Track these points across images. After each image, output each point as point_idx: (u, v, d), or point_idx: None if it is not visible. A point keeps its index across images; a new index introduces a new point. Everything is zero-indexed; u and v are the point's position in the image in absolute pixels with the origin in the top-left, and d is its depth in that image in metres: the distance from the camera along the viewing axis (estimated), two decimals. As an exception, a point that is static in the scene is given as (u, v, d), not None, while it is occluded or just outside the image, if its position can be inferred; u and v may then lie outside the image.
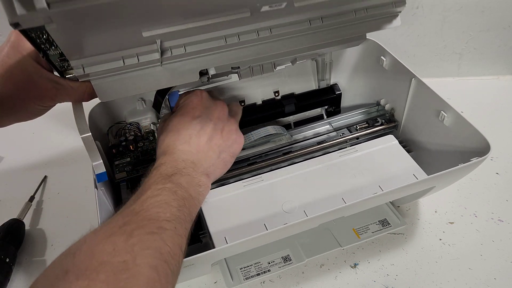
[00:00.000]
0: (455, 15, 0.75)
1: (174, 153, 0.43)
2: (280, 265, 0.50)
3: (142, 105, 0.57)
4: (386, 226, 0.54)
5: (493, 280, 0.50)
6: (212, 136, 0.46)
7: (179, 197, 0.38)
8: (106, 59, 0.37)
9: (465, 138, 0.49)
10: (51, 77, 0.41)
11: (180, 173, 0.41)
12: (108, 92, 0.41)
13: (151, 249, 0.31)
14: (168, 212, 0.36)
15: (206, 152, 0.45)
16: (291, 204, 0.46)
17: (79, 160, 0.69)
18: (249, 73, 0.50)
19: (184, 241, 0.36)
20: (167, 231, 0.34)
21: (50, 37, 0.35)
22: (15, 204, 0.60)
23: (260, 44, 0.43)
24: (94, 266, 0.28)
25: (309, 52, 0.48)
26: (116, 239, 0.31)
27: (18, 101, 0.41)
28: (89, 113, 0.53)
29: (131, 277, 0.28)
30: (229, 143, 0.47)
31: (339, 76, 0.66)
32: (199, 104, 0.47)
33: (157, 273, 0.30)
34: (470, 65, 0.82)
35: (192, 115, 0.46)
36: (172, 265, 0.32)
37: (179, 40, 0.39)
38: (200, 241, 0.48)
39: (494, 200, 0.60)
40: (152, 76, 0.41)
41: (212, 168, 0.45)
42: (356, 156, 0.51)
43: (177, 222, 0.36)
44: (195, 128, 0.45)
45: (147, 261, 0.30)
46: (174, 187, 0.39)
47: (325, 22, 0.43)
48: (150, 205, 0.36)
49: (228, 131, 0.48)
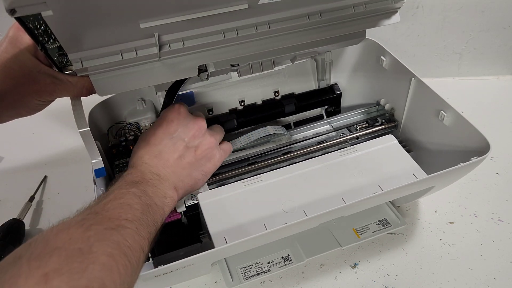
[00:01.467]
0: (455, 15, 0.75)
1: (142, 166, 0.43)
2: (280, 265, 0.50)
3: (142, 105, 0.57)
4: (386, 226, 0.54)
5: (493, 280, 0.50)
6: (184, 154, 0.46)
7: (143, 202, 0.38)
8: (104, 52, 0.37)
9: (465, 138, 0.49)
10: (50, 72, 0.41)
11: (146, 183, 0.41)
12: (107, 87, 0.41)
13: (109, 241, 0.30)
14: (130, 213, 0.35)
15: (174, 168, 0.44)
16: (291, 204, 0.46)
17: (79, 160, 0.69)
18: (248, 70, 0.50)
19: (146, 243, 0.35)
20: (127, 229, 0.33)
21: (48, 28, 0.35)
22: (15, 204, 0.60)
23: (259, 40, 0.43)
24: (48, 251, 0.27)
25: (308, 50, 0.48)
26: (72, 231, 0.30)
27: (16, 96, 0.41)
28: (89, 113, 0.53)
29: (86, 261, 0.28)
30: (202, 162, 0.47)
31: (339, 76, 0.66)
32: (175, 119, 0.47)
33: (114, 261, 0.29)
34: (470, 65, 0.82)
35: (167, 131, 0.46)
36: (131, 258, 0.31)
37: (177, 33, 0.39)
38: (200, 241, 0.48)
39: (494, 200, 0.60)
40: (151, 71, 0.41)
41: (181, 184, 0.45)
42: (356, 156, 0.51)
43: (139, 224, 0.35)
44: (167, 145, 0.45)
45: (104, 250, 0.29)
46: (139, 192, 0.38)
47: (324, 17, 0.43)
48: (112, 207, 0.35)
49: (203, 150, 0.47)
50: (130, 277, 0.31)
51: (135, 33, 0.36)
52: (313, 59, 0.61)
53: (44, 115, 0.44)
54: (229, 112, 0.60)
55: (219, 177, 0.53)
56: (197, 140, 0.47)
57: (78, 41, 0.35)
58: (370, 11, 0.45)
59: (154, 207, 0.39)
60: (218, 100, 0.59)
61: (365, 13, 0.45)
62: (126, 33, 0.36)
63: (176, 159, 0.45)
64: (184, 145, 0.46)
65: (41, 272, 0.25)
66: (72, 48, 0.36)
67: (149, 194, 0.39)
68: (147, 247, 0.35)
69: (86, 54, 0.37)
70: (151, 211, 0.38)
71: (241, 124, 0.60)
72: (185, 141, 0.46)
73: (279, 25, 0.42)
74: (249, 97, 0.61)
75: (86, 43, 0.36)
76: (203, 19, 0.37)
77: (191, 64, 0.42)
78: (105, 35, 0.36)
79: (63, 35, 0.34)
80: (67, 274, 0.26)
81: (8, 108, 0.42)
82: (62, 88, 0.42)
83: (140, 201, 0.37)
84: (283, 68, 0.59)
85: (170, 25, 0.36)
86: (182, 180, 0.45)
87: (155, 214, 0.39)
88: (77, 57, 0.37)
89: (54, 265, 0.26)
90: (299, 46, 0.46)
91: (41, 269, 0.26)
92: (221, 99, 0.60)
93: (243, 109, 0.61)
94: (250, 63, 0.49)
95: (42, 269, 0.26)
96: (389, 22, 0.47)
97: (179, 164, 0.45)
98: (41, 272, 0.25)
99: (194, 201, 0.48)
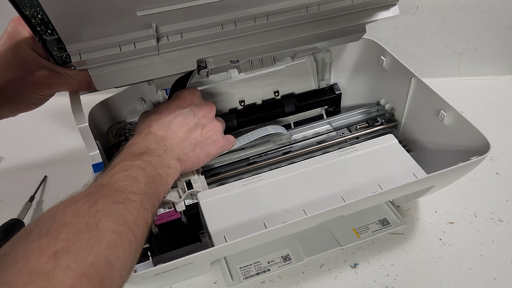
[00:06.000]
0: (455, 15, 0.75)
1: (148, 135, 0.44)
2: (280, 265, 0.50)
3: (142, 104, 0.57)
4: (386, 225, 0.54)
5: (493, 280, 0.50)
6: (192, 129, 0.47)
7: (147, 174, 0.39)
8: (102, 44, 0.37)
9: (465, 138, 0.49)
10: (48, 65, 0.41)
11: (151, 153, 0.41)
12: (106, 81, 0.41)
13: (115, 216, 0.31)
14: (136, 186, 0.36)
15: (181, 140, 0.46)
16: (291, 203, 0.46)
17: (79, 160, 0.69)
18: (248, 67, 0.50)
19: (149, 216, 0.36)
20: (132, 202, 0.34)
21: (45, 17, 0.35)
22: (15, 204, 0.60)
23: (257, 33, 0.43)
24: (56, 227, 0.28)
25: (308, 46, 0.47)
26: (79, 206, 0.31)
27: (15, 89, 0.41)
28: (89, 113, 0.53)
29: (93, 237, 0.29)
30: (207, 142, 0.48)
31: (339, 76, 0.66)
32: (189, 98, 0.48)
33: (119, 238, 0.30)
34: (470, 65, 0.82)
35: (179, 105, 0.47)
36: (136, 233, 0.33)
37: (175, 25, 0.39)
38: (200, 240, 0.48)
39: (494, 200, 0.60)
40: (149, 65, 0.41)
41: (185, 157, 0.46)
42: (356, 156, 0.51)
43: (143, 196, 0.36)
44: (177, 116, 0.46)
45: (110, 226, 0.30)
46: (143, 164, 0.39)
47: (322, 9, 0.43)
48: (118, 179, 0.36)
49: (209, 130, 0.48)
50: (134, 251, 0.32)
51: (133, 22, 0.36)
52: (313, 57, 0.61)
53: (44, 115, 0.44)
54: (229, 112, 0.60)
55: (219, 177, 0.53)
56: (205, 120, 0.48)
57: (75, 29, 0.35)
58: (368, 3, 0.45)
59: (158, 178, 0.40)
60: (218, 100, 0.60)
61: (364, 5, 0.45)
62: (123, 22, 0.36)
63: (184, 132, 0.46)
64: (194, 121, 0.47)
65: (51, 249, 0.27)
66: (70, 39, 0.36)
67: (154, 165, 0.40)
68: (150, 219, 0.36)
69: (84, 45, 0.37)
70: (154, 182, 0.39)
71: (241, 124, 0.60)
72: (195, 118, 0.47)
73: (277, 17, 0.42)
74: (249, 97, 0.61)
75: (83, 33, 0.36)
76: (200, 9, 0.37)
77: (190, 58, 0.42)
78: (102, 23, 0.36)
79: (59, 22, 0.34)
80: (75, 252, 0.27)
81: (7, 103, 0.42)
82: (60, 81, 0.42)
83: (145, 173, 0.38)
84: (283, 68, 0.59)
85: (167, 14, 0.36)
86: (186, 153, 0.46)
87: (158, 185, 0.40)
88: (75, 48, 0.37)
89: (62, 243, 0.27)
90: (298, 41, 0.46)
91: (51, 246, 0.27)
92: (221, 99, 0.60)
93: (243, 109, 0.61)
94: (250, 59, 0.49)
95: (52, 247, 0.27)
96: (387, 14, 0.47)
97: (186, 137, 0.46)
98: (51, 250, 0.27)
99: (194, 200, 0.48)
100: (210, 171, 0.54)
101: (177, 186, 0.49)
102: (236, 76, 0.56)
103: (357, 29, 0.50)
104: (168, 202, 0.48)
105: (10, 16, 0.40)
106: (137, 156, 0.40)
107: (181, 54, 0.41)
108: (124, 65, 0.40)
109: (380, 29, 0.75)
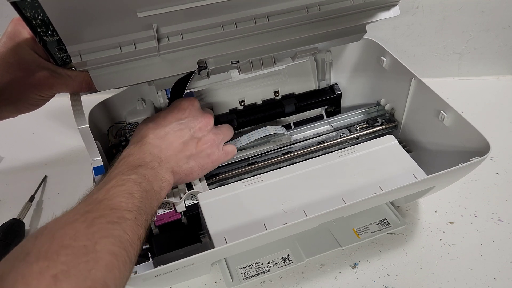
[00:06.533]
0: (455, 15, 0.75)
1: (145, 145, 0.44)
2: (280, 265, 0.50)
3: (142, 105, 0.57)
4: (386, 226, 0.54)
5: (493, 280, 0.50)
6: (188, 142, 0.47)
7: (142, 189, 0.39)
8: (103, 45, 0.37)
9: (465, 138, 0.49)
10: (49, 66, 0.41)
11: (146, 166, 0.42)
12: (106, 82, 0.41)
13: (112, 237, 0.32)
14: (130, 202, 0.37)
15: (176, 152, 0.46)
16: (291, 204, 0.46)
17: (79, 160, 0.69)
18: (249, 67, 0.50)
19: (142, 232, 0.37)
20: (127, 221, 0.35)
21: (46, 19, 0.35)
22: (15, 204, 0.60)
23: (258, 34, 0.43)
24: (55, 249, 0.29)
25: (309, 46, 0.47)
26: (77, 225, 0.31)
27: (15, 90, 0.41)
28: (89, 113, 0.53)
29: (91, 261, 0.29)
30: (201, 155, 0.48)
31: (339, 76, 0.66)
32: (187, 109, 0.49)
33: (116, 260, 0.31)
34: (470, 65, 0.82)
35: (176, 116, 0.48)
36: (130, 253, 0.33)
37: (175, 25, 0.39)
38: (200, 241, 0.48)
39: (494, 200, 0.60)
40: (150, 66, 0.41)
41: (178, 169, 0.46)
42: (356, 156, 0.51)
43: (138, 213, 0.37)
44: (174, 128, 0.47)
45: (107, 248, 0.31)
46: (139, 179, 0.40)
47: (323, 10, 0.43)
48: (114, 194, 0.36)
49: (204, 143, 0.48)
50: (128, 272, 0.33)
51: (133, 23, 0.36)
52: (313, 57, 0.61)
53: (44, 115, 0.44)
54: (229, 112, 0.60)
55: (219, 177, 0.53)
56: (201, 133, 0.49)
57: (76, 30, 0.35)
58: (369, 3, 0.45)
59: (152, 193, 0.41)
60: (218, 100, 0.59)
61: (364, 6, 0.45)
62: (124, 23, 0.36)
63: (179, 144, 0.46)
64: (189, 134, 0.47)
65: (50, 273, 0.27)
66: (71, 40, 0.36)
67: (149, 179, 0.41)
68: (143, 235, 0.37)
69: (84, 46, 0.37)
70: (149, 196, 0.40)
71: (241, 124, 0.60)
72: (191, 130, 0.48)
73: (278, 17, 0.42)
74: (249, 97, 0.61)
75: (84, 34, 0.36)
76: (201, 10, 0.37)
77: (191, 58, 0.42)
78: (103, 24, 0.36)
79: (60, 23, 0.34)
80: (74, 276, 0.28)
81: (8, 103, 0.42)
82: (61, 82, 0.42)
83: (140, 188, 0.39)
84: (283, 68, 0.59)
85: (168, 15, 0.36)
86: (180, 166, 0.46)
87: (152, 199, 0.40)
88: (76, 49, 0.37)
89: (62, 266, 0.28)
90: (299, 41, 0.46)
91: (50, 269, 0.27)
92: (221, 99, 0.60)
93: (243, 109, 0.61)
94: (251, 60, 0.49)
95: (52, 270, 0.27)
96: (388, 15, 0.47)
97: (181, 150, 0.46)
98: (51, 273, 0.27)
99: (194, 201, 0.48)
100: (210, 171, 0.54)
101: (178, 187, 0.49)
102: (236, 76, 0.56)
103: (358, 29, 0.50)
104: (169, 203, 0.48)
105: (10, 17, 0.40)
106: (133, 170, 0.40)
107: (181, 55, 0.41)
108: (125, 66, 0.40)
109: (380, 29, 0.75)
